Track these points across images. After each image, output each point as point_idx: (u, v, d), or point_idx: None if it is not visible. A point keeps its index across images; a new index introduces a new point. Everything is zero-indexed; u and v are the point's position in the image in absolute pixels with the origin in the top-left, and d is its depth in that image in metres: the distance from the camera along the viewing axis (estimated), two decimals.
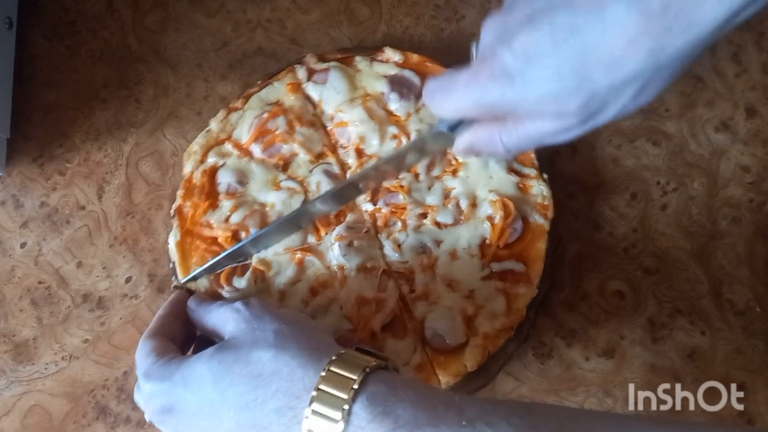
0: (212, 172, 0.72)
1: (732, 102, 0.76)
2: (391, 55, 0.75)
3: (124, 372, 0.71)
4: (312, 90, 0.75)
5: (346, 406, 0.45)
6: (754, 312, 0.69)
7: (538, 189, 0.70)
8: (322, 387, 0.46)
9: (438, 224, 0.69)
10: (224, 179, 0.71)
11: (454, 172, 0.71)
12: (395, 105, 0.73)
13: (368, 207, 0.71)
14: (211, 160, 0.72)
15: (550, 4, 0.42)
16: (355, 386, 0.46)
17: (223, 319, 0.57)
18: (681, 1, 0.39)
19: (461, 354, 0.64)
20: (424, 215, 0.69)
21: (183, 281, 0.67)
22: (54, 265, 0.75)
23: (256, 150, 0.72)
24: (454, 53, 0.80)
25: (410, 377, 0.62)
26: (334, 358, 0.49)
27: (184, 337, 0.61)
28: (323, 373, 0.47)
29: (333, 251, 0.68)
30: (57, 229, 0.76)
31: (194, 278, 0.67)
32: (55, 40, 0.83)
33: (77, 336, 0.72)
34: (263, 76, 0.78)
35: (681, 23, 0.39)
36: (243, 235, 0.69)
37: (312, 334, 0.54)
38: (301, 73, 0.76)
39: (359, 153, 0.72)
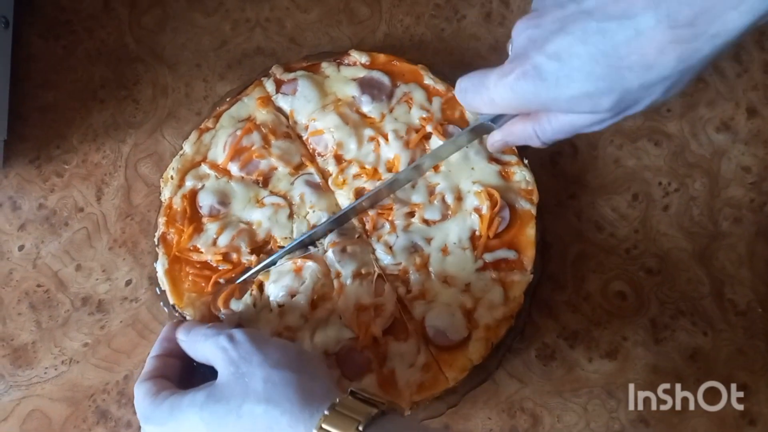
0: (192, 196, 0.70)
1: (733, 102, 0.76)
2: (357, 57, 0.75)
3: (125, 376, 0.70)
4: (282, 102, 0.74)
5: None
6: (755, 312, 0.70)
7: (521, 175, 0.70)
8: None
9: (426, 221, 0.69)
10: (205, 202, 0.70)
11: (436, 168, 0.71)
12: (368, 107, 0.73)
13: None
14: (189, 183, 0.71)
15: (581, 9, 0.44)
16: None
17: (211, 355, 0.56)
18: (706, 13, 0.40)
19: (465, 348, 0.65)
20: (411, 214, 0.69)
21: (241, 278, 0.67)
22: (53, 268, 0.74)
23: (234, 168, 0.71)
24: (455, 53, 0.79)
25: (411, 423, 0.61)
26: (326, 412, 0.47)
27: (181, 371, 0.59)
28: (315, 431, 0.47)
29: (327, 258, 0.68)
30: (55, 232, 0.75)
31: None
32: (52, 39, 0.82)
33: (77, 340, 0.71)
34: (229, 92, 0.77)
35: (708, 33, 0.40)
36: (234, 256, 0.68)
37: (305, 378, 0.52)
38: (269, 85, 0.75)
39: (338, 159, 0.72)
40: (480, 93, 0.51)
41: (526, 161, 0.70)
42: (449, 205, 0.69)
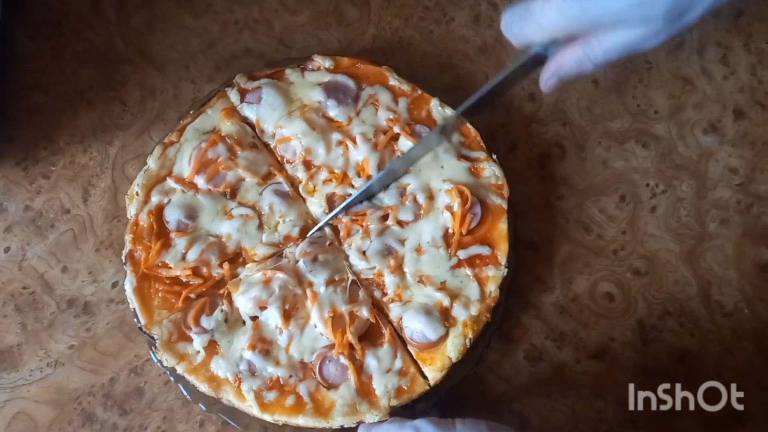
0: (158, 212, 0.69)
1: (720, 104, 0.76)
2: (321, 62, 0.74)
3: (111, 378, 0.70)
4: (247, 111, 0.73)
5: None
6: (742, 313, 0.70)
7: (490, 170, 0.70)
8: None
9: (399, 222, 0.69)
10: (172, 217, 0.69)
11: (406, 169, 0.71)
12: (334, 111, 0.72)
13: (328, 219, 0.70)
14: (155, 199, 0.70)
15: None
16: None
17: None
18: None
19: (444, 346, 0.65)
20: (384, 217, 0.69)
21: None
22: (38, 270, 0.73)
23: (200, 181, 0.70)
24: (444, 55, 0.79)
25: None
26: None
27: None
28: None
29: (299, 267, 0.67)
30: (41, 234, 0.74)
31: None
32: (40, 41, 0.82)
33: (62, 342, 0.71)
34: (192, 104, 0.76)
35: None
36: (204, 270, 0.68)
37: None
38: (233, 95, 0.74)
39: (307, 165, 0.71)
40: (527, 21, 0.51)
41: (494, 156, 0.70)
42: (421, 205, 0.69)
